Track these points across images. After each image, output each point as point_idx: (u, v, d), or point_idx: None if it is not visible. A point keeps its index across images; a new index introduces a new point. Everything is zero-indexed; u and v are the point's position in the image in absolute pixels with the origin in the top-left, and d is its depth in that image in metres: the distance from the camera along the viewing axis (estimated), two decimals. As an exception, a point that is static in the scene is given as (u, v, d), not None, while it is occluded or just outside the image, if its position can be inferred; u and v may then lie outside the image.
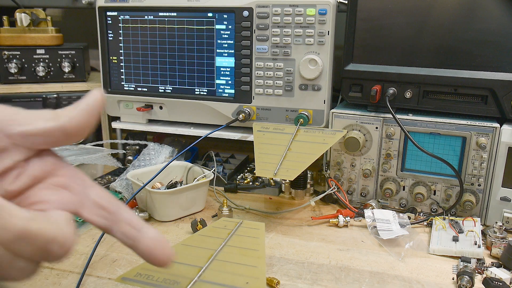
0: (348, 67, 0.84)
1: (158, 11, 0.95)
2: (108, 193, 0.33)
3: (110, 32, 1.00)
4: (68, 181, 0.33)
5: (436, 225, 0.76)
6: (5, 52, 1.03)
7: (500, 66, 0.75)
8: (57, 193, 0.32)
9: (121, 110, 1.04)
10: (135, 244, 0.32)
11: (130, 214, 0.32)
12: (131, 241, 0.32)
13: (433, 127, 0.78)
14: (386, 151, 0.82)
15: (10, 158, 0.31)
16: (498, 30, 0.74)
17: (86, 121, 0.32)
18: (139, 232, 0.31)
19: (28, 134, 0.31)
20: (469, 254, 0.68)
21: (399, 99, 0.82)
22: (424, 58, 0.79)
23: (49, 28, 1.08)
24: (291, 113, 0.91)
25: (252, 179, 0.96)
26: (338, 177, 0.87)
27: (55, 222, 0.29)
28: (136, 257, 0.69)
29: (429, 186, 0.81)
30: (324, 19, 0.85)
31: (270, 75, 0.91)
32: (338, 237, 0.75)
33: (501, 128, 0.75)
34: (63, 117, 0.31)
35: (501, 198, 0.76)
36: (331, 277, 0.64)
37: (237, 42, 0.91)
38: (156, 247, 0.31)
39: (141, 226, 0.32)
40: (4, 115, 0.31)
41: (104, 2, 0.98)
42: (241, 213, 0.85)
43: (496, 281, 0.60)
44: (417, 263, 0.67)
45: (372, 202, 0.83)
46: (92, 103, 0.33)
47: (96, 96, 0.33)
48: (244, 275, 0.49)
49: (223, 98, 0.95)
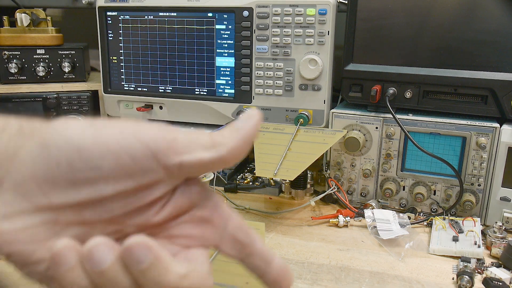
0: (348, 67, 0.84)
1: (158, 11, 0.95)
2: (244, 224, 0.31)
3: (110, 32, 1.00)
4: (211, 214, 0.30)
5: (436, 225, 0.76)
6: (5, 52, 1.03)
7: (500, 66, 0.75)
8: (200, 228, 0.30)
9: (121, 110, 1.04)
10: (263, 275, 0.31)
11: (262, 247, 0.31)
12: (260, 272, 0.31)
13: (433, 127, 0.78)
14: (386, 151, 0.82)
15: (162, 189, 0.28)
16: (498, 30, 0.74)
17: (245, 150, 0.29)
18: (268, 265, 0.31)
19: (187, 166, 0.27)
20: (469, 254, 0.68)
21: (399, 99, 0.82)
22: (424, 58, 0.79)
23: (49, 28, 1.08)
24: (291, 113, 0.91)
25: (252, 179, 0.96)
26: (338, 177, 0.87)
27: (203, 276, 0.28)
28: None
29: (429, 186, 0.81)
30: (324, 19, 0.85)
31: (270, 75, 0.91)
32: (338, 237, 0.75)
33: (501, 128, 0.75)
34: (223, 146, 0.28)
35: (501, 198, 0.76)
36: (331, 277, 0.64)
37: (237, 42, 0.91)
38: (282, 279, 0.31)
39: (271, 259, 0.31)
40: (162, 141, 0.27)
41: (104, 2, 0.98)
42: (241, 213, 0.85)
43: (496, 281, 0.60)
44: (417, 263, 0.67)
45: (372, 202, 0.83)
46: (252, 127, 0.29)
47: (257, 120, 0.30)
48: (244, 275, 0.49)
49: (223, 98, 0.95)
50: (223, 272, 0.50)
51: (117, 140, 0.26)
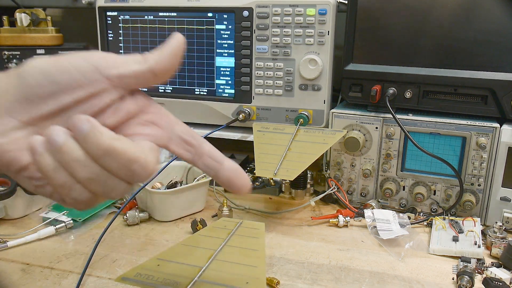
0: (348, 67, 0.84)
1: (158, 11, 0.95)
2: (191, 129, 0.38)
3: (110, 32, 1.00)
4: (157, 118, 0.37)
5: (436, 225, 0.76)
6: (5, 52, 1.03)
7: (500, 66, 0.75)
8: (148, 128, 0.37)
9: (121, 110, 1.04)
10: (216, 175, 0.37)
11: (211, 148, 0.37)
12: (213, 172, 0.37)
13: (433, 127, 0.78)
14: (386, 151, 0.82)
15: (109, 97, 0.35)
16: (498, 30, 0.74)
17: (171, 63, 0.36)
18: (220, 164, 0.37)
19: (123, 76, 0.35)
20: (469, 254, 0.68)
21: (399, 99, 0.82)
22: (424, 58, 0.79)
23: (49, 28, 1.08)
24: (291, 113, 0.91)
25: (252, 179, 0.96)
26: (338, 177, 0.87)
27: (139, 146, 0.33)
28: (136, 257, 0.69)
29: (429, 186, 0.81)
30: (324, 19, 0.85)
31: (270, 75, 0.91)
32: (338, 237, 0.75)
33: (501, 128, 0.75)
34: (151, 60, 0.35)
35: (501, 198, 0.76)
36: (331, 277, 0.64)
37: (237, 42, 0.91)
38: (235, 176, 0.37)
39: (221, 158, 0.37)
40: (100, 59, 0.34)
41: (104, 2, 0.98)
42: (241, 213, 0.85)
43: (496, 281, 0.60)
44: (417, 263, 0.67)
45: (372, 202, 0.83)
46: (175, 45, 0.36)
47: (179, 39, 0.37)
48: (244, 275, 0.49)
49: (223, 98, 0.95)
50: (223, 272, 0.50)
51: (70, 61, 0.34)
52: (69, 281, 0.62)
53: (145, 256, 0.69)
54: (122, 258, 0.68)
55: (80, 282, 0.61)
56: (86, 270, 0.63)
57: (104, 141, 0.31)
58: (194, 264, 0.51)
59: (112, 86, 0.35)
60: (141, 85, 0.36)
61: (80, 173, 0.32)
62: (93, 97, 0.34)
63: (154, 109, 0.37)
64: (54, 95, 0.33)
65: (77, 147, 0.31)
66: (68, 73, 0.33)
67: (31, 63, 0.34)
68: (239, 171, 0.37)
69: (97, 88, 0.34)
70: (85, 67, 0.34)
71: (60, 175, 0.32)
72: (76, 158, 0.31)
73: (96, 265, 0.66)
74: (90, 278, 0.63)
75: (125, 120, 0.36)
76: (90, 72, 0.34)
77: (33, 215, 0.82)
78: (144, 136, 0.36)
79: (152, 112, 0.37)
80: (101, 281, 0.63)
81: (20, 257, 0.69)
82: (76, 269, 0.65)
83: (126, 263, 0.67)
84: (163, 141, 0.37)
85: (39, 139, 0.32)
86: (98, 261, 0.67)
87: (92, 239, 0.74)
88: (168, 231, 0.77)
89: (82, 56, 0.35)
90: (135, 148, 0.32)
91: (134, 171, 0.32)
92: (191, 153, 0.37)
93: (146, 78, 0.35)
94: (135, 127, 0.37)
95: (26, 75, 0.34)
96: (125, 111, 0.36)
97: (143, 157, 0.32)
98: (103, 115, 0.35)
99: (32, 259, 0.68)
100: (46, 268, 0.66)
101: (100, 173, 0.32)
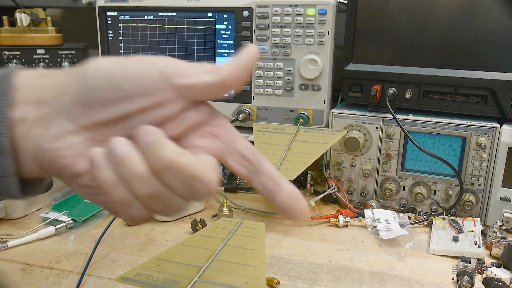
0: (348, 67, 0.84)
1: (158, 11, 0.95)
2: (252, 146, 0.36)
3: (110, 32, 1.00)
4: (219, 131, 0.35)
5: (436, 225, 0.76)
6: (5, 52, 1.03)
7: (500, 66, 0.75)
8: (209, 141, 0.35)
9: (121, 110, 1.04)
10: (273, 197, 0.34)
11: (271, 167, 0.35)
12: (269, 193, 0.34)
13: (433, 127, 0.78)
14: (386, 151, 0.82)
15: (173, 107, 0.33)
16: (498, 30, 0.74)
17: (243, 76, 0.34)
18: (277, 186, 0.34)
19: (192, 86, 0.33)
20: (469, 254, 0.68)
21: (399, 99, 0.82)
22: (424, 58, 0.79)
23: (49, 28, 1.08)
24: (291, 113, 0.91)
25: (252, 179, 0.96)
26: (338, 177, 0.87)
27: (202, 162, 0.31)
28: (136, 257, 0.69)
29: (429, 186, 0.81)
30: (324, 19, 0.85)
31: (270, 75, 0.91)
32: (338, 237, 0.75)
33: (501, 128, 0.75)
34: (223, 71, 0.33)
35: (501, 198, 0.76)
36: (331, 277, 0.64)
37: (237, 42, 0.91)
38: (294, 202, 0.34)
39: (280, 180, 0.34)
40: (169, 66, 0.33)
41: (104, 2, 0.98)
42: (241, 213, 0.85)
43: (496, 281, 0.60)
44: (417, 263, 0.67)
45: (372, 202, 0.83)
46: (248, 58, 0.34)
47: (253, 51, 0.35)
48: (244, 275, 0.49)
49: (223, 98, 0.95)
50: (223, 272, 0.50)
51: (136, 67, 0.32)
52: (69, 281, 0.62)
53: (145, 256, 0.69)
54: (122, 258, 0.69)
55: (80, 282, 0.61)
56: (86, 270, 0.63)
57: (168, 155, 0.29)
58: (194, 264, 0.51)
59: (178, 96, 0.33)
60: (208, 97, 0.34)
61: (140, 189, 0.30)
62: (157, 106, 0.32)
63: (217, 122, 0.35)
64: (117, 101, 0.31)
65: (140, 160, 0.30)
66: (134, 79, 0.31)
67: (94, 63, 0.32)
68: (299, 196, 0.34)
69: (163, 97, 0.32)
70: (152, 73, 0.32)
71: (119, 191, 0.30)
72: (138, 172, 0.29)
73: (96, 265, 0.66)
74: (90, 278, 0.63)
75: (188, 133, 0.34)
76: (157, 80, 0.32)
77: (33, 215, 0.82)
78: (203, 148, 0.34)
79: (215, 125, 0.35)
80: (101, 281, 0.63)
81: (20, 257, 0.69)
82: (76, 269, 0.65)
83: (126, 263, 0.67)
84: (221, 155, 0.35)
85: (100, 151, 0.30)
86: (98, 261, 0.67)
87: (92, 239, 0.74)
88: (168, 231, 0.77)
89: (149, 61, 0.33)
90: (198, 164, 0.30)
91: (196, 188, 0.30)
92: (248, 170, 0.35)
93: (215, 91, 0.33)
94: (196, 139, 0.35)
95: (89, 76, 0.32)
96: (187, 123, 0.34)
97: (206, 174, 0.30)
98: (165, 126, 0.33)
99: (32, 259, 0.68)
100: (46, 268, 0.66)
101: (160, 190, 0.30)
